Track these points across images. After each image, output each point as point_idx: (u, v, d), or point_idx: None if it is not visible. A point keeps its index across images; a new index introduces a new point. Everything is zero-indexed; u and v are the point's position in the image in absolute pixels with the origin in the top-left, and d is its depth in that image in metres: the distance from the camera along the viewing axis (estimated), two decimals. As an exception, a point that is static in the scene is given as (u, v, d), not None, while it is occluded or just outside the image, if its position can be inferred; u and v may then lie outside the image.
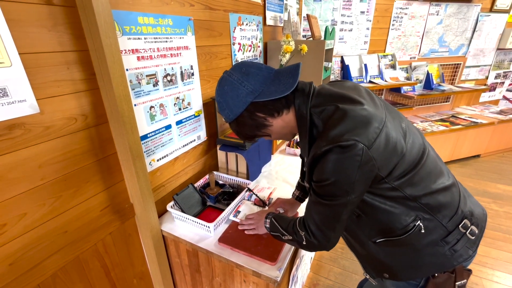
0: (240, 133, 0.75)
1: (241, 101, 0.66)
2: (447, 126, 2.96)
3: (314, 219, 0.67)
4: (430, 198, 0.66)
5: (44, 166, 0.73)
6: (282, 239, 0.82)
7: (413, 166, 0.64)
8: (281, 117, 0.70)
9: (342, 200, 0.61)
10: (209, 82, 1.34)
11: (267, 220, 0.89)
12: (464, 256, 0.69)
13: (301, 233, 0.71)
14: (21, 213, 0.70)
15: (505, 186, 2.70)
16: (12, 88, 0.62)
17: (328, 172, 0.60)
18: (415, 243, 0.68)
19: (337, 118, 0.61)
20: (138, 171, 0.90)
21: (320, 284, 1.69)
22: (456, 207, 0.69)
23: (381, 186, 0.63)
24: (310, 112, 0.66)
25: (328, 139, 0.58)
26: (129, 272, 1.08)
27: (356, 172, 0.58)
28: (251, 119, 0.69)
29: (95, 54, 0.75)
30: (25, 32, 0.63)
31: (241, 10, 1.50)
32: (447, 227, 0.67)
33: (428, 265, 0.70)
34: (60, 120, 0.74)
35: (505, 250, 1.91)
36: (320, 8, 2.54)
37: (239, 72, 0.67)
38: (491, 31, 3.11)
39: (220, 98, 0.70)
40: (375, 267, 0.79)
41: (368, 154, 0.57)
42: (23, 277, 0.72)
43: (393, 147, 0.60)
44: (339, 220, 0.65)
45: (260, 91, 0.65)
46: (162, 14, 0.99)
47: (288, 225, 0.78)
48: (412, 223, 0.66)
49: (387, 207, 0.66)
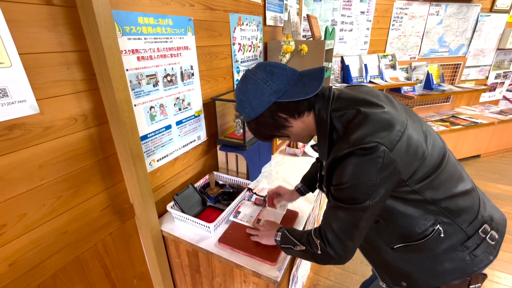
0: (258, 132, 0.74)
1: (264, 100, 0.66)
2: (447, 126, 2.96)
3: (332, 226, 0.64)
4: (450, 202, 0.65)
5: (44, 167, 0.73)
6: (293, 251, 0.77)
7: (434, 169, 0.63)
8: (302, 119, 0.70)
9: (362, 205, 0.60)
10: (209, 82, 1.34)
11: (278, 233, 0.85)
12: (485, 261, 0.67)
13: (316, 242, 0.68)
14: (21, 214, 0.70)
15: (505, 186, 2.70)
16: (12, 88, 0.62)
17: (348, 175, 0.59)
18: (434, 248, 0.67)
19: (358, 122, 0.60)
20: (138, 172, 0.90)
21: (320, 284, 1.69)
22: (476, 211, 0.68)
23: (402, 189, 0.62)
24: (330, 116, 0.66)
25: (350, 142, 0.58)
26: (129, 273, 1.08)
27: (377, 175, 0.57)
28: (272, 119, 0.68)
29: (95, 55, 0.75)
30: (25, 32, 0.63)
31: (241, 10, 1.50)
32: (467, 231, 0.66)
33: (448, 272, 0.68)
34: (60, 121, 0.74)
35: (505, 251, 1.91)
36: (320, 8, 2.54)
37: (264, 71, 0.67)
38: (491, 31, 3.11)
39: (242, 96, 0.69)
40: (392, 275, 0.77)
41: (390, 157, 0.56)
42: (23, 278, 0.72)
43: (415, 150, 0.60)
44: (358, 227, 0.62)
45: (284, 91, 0.65)
46: (162, 15, 0.99)
47: (302, 236, 0.75)
48: (432, 227, 0.65)
49: (406, 211, 0.65)
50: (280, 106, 0.66)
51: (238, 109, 0.73)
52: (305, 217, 1.13)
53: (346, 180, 0.60)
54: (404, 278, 0.74)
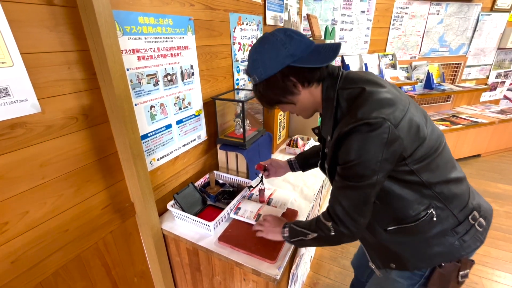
0: (264, 96, 0.74)
1: (279, 61, 0.66)
2: (447, 125, 2.96)
3: (342, 205, 0.66)
4: (444, 187, 0.68)
5: (46, 165, 0.73)
6: (305, 243, 0.78)
7: (432, 151, 0.65)
8: (309, 89, 0.71)
9: (370, 181, 0.62)
10: (209, 81, 1.35)
11: (285, 230, 0.84)
12: (472, 247, 0.71)
13: (327, 225, 0.69)
14: (23, 212, 0.70)
15: (506, 186, 2.69)
16: (13, 87, 0.62)
17: (355, 153, 0.60)
18: (426, 231, 0.70)
19: (364, 99, 0.62)
20: (138, 170, 0.91)
21: (320, 283, 1.69)
22: (467, 199, 0.72)
23: (400, 169, 0.64)
24: (337, 94, 0.68)
25: (357, 117, 0.59)
26: (129, 271, 1.09)
27: (383, 150, 0.59)
28: (282, 81, 0.68)
29: (96, 54, 0.75)
30: (27, 32, 0.64)
31: (241, 9, 1.50)
32: (458, 217, 0.69)
33: (437, 255, 0.71)
34: (61, 120, 0.74)
35: (505, 250, 1.91)
36: (320, 8, 2.54)
37: (283, 34, 0.67)
38: (491, 31, 3.11)
39: (257, 55, 0.69)
40: (383, 257, 0.80)
41: (394, 133, 0.58)
42: (25, 275, 0.72)
43: (416, 130, 0.62)
44: (368, 203, 0.65)
45: (299, 56, 0.66)
46: (163, 14, 0.99)
47: (311, 224, 0.76)
48: (425, 211, 0.68)
49: (402, 194, 0.67)
50: (293, 70, 0.67)
51: (249, 70, 0.72)
52: (304, 215, 1.13)
53: (353, 158, 0.61)
54: (394, 259, 0.76)
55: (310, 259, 1.69)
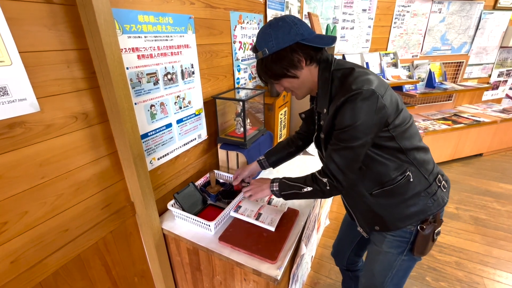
0: (269, 69, 0.83)
1: (290, 37, 0.76)
2: (449, 124, 2.95)
3: (337, 163, 0.78)
4: (417, 154, 0.83)
5: (45, 165, 0.73)
6: (298, 195, 0.88)
7: (406, 121, 0.80)
8: (309, 68, 0.82)
9: (362, 141, 0.74)
10: (210, 80, 1.34)
11: (274, 184, 0.94)
12: (441, 205, 0.86)
13: (323, 181, 0.82)
14: (22, 211, 0.70)
15: (508, 185, 2.68)
16: (12, 86, 0.62)
17: (351, 118, 0.72)
18: (404, 193, 0.84)
19: (355, 76, 0.75)
20: (138, 170, 0.91)
21: (321, 283, 1.69)
22: (433, 165, 0.88)
23: (383, 134, 0.77)
24: (332, 74, 0.80)
25: (352, 88, 0.71)
26: (130, 270, 1.08)
27: (374, 115, 0.72)
28: (291, 54, 0.78)
29: (95, 53, 0.75)
30: (25, 30, 0.63)
31: (242, 8, 1.49)
32: (429, 179, 0.85)
33: (413, 214, 0.85)
34: (60, 119, 0.74)
35: (507, 250, 1.90)
36: (322, 6, 2.52)
37: (294, 17, 0.79)
38: (494, 29, 3.09)
39: (270, 30, 0.78)
40: (369, 220, 0.94)
41: (382, 102, 0.71)
42: (24, 275, 0.72)
43: (396, 102, 0.78)
44: (358, 161, 0.78)
45: (306, 37, 0.77)
46: (163, 13, 0.99)
47: (306, 179, 0.87)
48: (403, 174, 0.82)
49: (383, 160, 0.81)
50: (301, 46, 0.78)
51: (259, 44, 0.81)
52: (305, 215, 1.13)
53: (349, 123, 0.72)
54: (378, 222, 0.91)
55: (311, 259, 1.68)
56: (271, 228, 1.01)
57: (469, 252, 1.88)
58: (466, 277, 1.71)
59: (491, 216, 2.27)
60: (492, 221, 2.21)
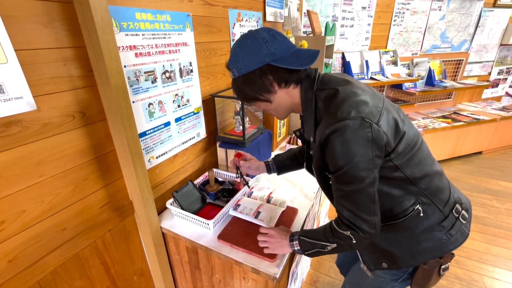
0: (241, 91, 0.73)
1: (259, 58, 0.66)
2: (449, 122, 2.94)
3: (352, 211, 0.65)
4: (429, 182, 0.70)
5: (42, 164, 0.72)
6: (323, 252, 0.74)
7: (412, 145, 0.67)
8: (287, 90, 0.72)
9: (369, 180, 0.61)
10: (208, 79, 1.34)
11: (294, 243, 0.80)
12: (459, 240, 0.73)
13: (346, 234, 0.67)
14: (20, 210, 0.70)
15: (507, 183, 2.68)
16: (8, 85, 0.61)
17: (342, 157, 0.60)
18: (414, 227, 0.72)
19: (341, 99, 0.63)
20: (137, 169, 0.90)
21: (320, 281, 1.69)
22: (449, 192, 0.75)
23: (385, 165, 0.65)
24: (315, 95, 0.69)
25: (337, 117, 0.60)
26: (129, 269, 1.08)
27: (371, 147, 0.59)
28: (260, 79, 0.68)
29: (92, 51, 0.74)
30: (21, 28, 0.63)
31: (241, 6, 1.48)
32: (443, 211, 0.72)
33: (426, 251, 0.73)
34: (57, 117, 0.74)
35: (506, 247, 1.90)
36: (321, 4, 2.51)
37: (267, 33, 0.67)
38: (494, 27, 3.08)
39: (239, 49, 0.68)
40: (374, 256, 0.81)
41: (377, 129, 0.59)
42: (22, 274, 0.72)
43: (395, 124, 0.64)
44: (374, 201, 0.64)
45: (279, 56, 0.66)
46: (160, 10, 0.98)
47: (326, 234, 0.72)
48: (412, 206, 0.70)
49: (389, 191, 0.69)
50: (271, 68, 0.67)
51: (230, 63, 0.72)
52: (304, 213, 1.13)
53: (342, 164, 0.61)
54: (386, 259, 0.78)
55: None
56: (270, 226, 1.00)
57: (468, 249, 1.88)
58: (465, 275, 1.71)
59: (491, 214, 2.27)
60: (491, 219, 2.21)
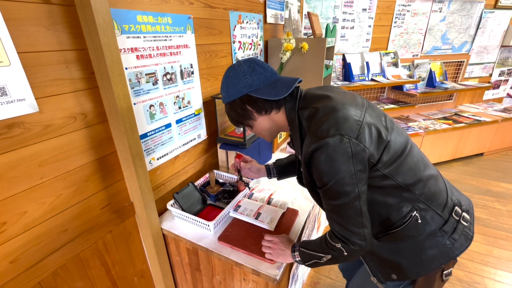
0: (229, 115, 0.81)
1: (238, 90, 0.72)
2: (450, 124, 2.94)
3: (341, 224, 0.67)
4: (423, 187, 0.69)
5: (44, 165, 0.73)
6: (320, 263, 0.76)
7: (399, 153, 0.67)
8: (269, 116, 0.76)
9: (354, 194, 0.63)
10: (209, 80, 1.34)
11: (295, 254, 0.83)
12: (464, 245, 0.72)
13: (338, 246, 0.69)
14: (21, 212, 0.70)
15: (509, 185, 2.67)
16: (11, 87, 0.62)
17: (326, 174, 0.62)
18: (415, 235, 0.71)
19: (320, 118, 0.65)
20: (138, 170, 0.91)
21: (321, 282, 1.69)
22: (446, 195, 0.73)
23: (374, 175, 0.66)
24: (298, 114, 0.72)
25: (317, 135, 0.63)
26: (129, 270, 1.09)
27: (352, 162, 0.60)
28: (240, 108, 0.75)
29: (94, 53, 0.75)
30: (24, 31, 0.64)
31: (241, 8, 1.49)
32: (443, 215, 0.71)
33: (433, 258, 0.71)
34: (59, 119, 0.74)
35: (508, 249, 1.89)
36: (322, 6, 2.52)
37: (248, 66, 0.73)
38: (495, 28, 3.07)
39: (224, 80, 0.76)
40: (382, 268, 0.79)
41: (356, 143, 0.60)
42: (24, 275, 0.72)
43: (378, 134, 0.65)
44: (362, 214, 0.65)
45: (256, 87, 0.71)
46: (162, 13, 0.99)
47: (321, 245, 0.75)
48: (409, 213, 0.69)
49: (384, 200, 0.69)
50: (249, 99, 0.72)
51: (220, 90, 0.79)
52: (305, 215, 1.13)
53: (327, 180, 0.63)
54: (394, 270, 0.76)
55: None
56: (271, 228, 1.01)
57: (469, 251, 1.87)
58: (467, 277, 1.70)
59: (492, 216, 2.26)
60: (493, 220, 2.20)
